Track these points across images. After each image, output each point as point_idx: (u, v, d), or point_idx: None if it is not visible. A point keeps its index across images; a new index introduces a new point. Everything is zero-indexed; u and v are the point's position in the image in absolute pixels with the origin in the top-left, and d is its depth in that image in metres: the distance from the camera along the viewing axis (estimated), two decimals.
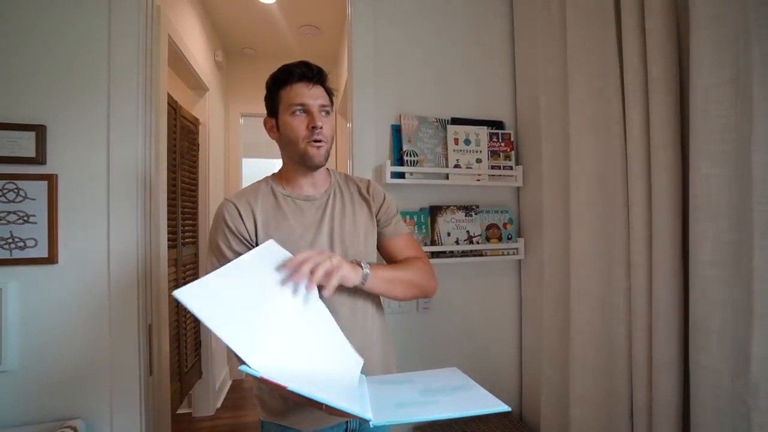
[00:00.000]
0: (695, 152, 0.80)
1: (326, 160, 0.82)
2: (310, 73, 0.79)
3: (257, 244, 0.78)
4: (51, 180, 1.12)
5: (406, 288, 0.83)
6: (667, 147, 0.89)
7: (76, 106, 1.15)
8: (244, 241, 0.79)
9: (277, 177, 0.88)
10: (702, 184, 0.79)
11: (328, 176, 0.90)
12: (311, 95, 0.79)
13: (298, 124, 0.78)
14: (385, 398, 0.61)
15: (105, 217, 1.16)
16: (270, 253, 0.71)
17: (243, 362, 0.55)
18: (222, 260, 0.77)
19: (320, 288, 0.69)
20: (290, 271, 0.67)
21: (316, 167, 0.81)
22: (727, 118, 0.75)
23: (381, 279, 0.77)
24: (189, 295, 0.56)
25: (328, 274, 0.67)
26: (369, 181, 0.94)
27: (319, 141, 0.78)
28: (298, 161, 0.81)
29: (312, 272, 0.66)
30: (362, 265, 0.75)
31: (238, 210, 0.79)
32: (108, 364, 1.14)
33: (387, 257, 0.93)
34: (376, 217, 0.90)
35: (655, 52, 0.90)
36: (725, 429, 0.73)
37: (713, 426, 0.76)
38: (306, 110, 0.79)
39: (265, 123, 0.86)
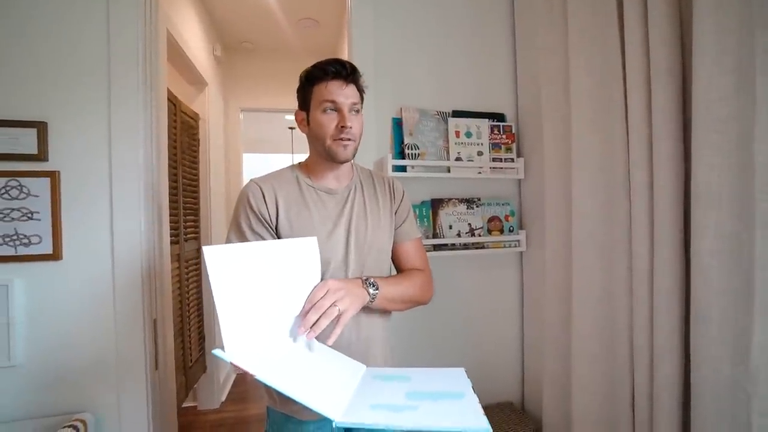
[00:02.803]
0: (697, 142, 0.80)
1: (353, 156, 0.84)
2: (344, 71, 0.80)
3: (276, 228, 0.81)
4: (53, 176, 1.12)
5: (403, 304, 0.86)
6: (669, 137, 0.89)
7: (76, 103, 1.15)
8: (265, 223, 0.81)
9: (303, 167, 0.89)
10: (704, 174, 0.79)
11: (351, 170, 0.91)
12: (343, 94, 0.79)
13: (328, 122, 0.80)
14: (366, 396, 0.60)
15: (108, 213, 1.16)
16: (305, 249, 0.71)
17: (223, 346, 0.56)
18: (241, 238, 0.80)
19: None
20: (301, 319, 0.67)
21: (343, 162, 0.83)
22: (729, 107, 0.75)
23: (383, 300, 0.80)
24: (214, 256, 0.56)
25: (335, 322, 0.68)
26: (391, 178, 0.97)
27: (347, 140, 0.80)
28: (325, 156, 0.83)
29: (317, 322, 0.66)
30: (369, 291, 0.77)
31: (262, 192, 0.81)
32: (114, 358, 1.16)
33: (393, 259, 0.95)
34: (394, 215, 0.92)
35: (657, 42, 0.89)
36: (725, 415, 0.75)
37: (713, 412, 0.77)
38: (337, 108, 0.80)
39: (296, 115, 0.88)
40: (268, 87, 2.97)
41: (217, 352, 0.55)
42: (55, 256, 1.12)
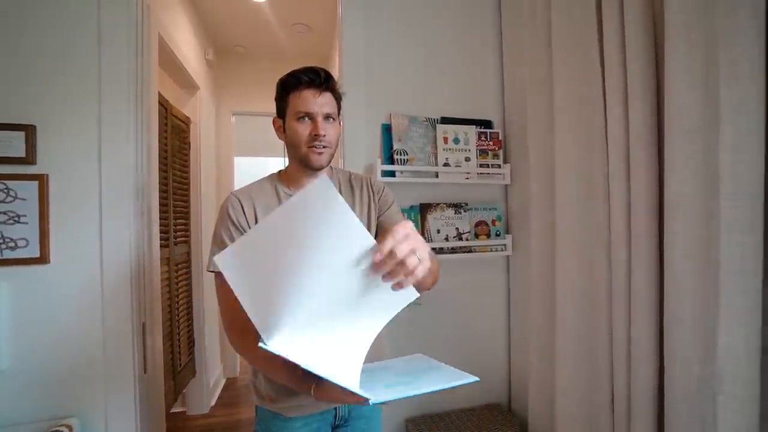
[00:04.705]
0: (670, 151, 0.84)
1: (328, 163, 0.85)
2: (317, 80, 0.81)
3: None
4: (42, 180, 1.12)
5: (431, 279, 0.78)
6: (645, 146, 0.93)
7: (66, 106, 1.15)
8: (244, 233, 0.82)
9: (282, 175, 0.91)
10: (676, 182, 0.83)
11: (330, 175, 0.92)
12: (317, 103, 0.81)
13: (302, 131, 0.81)
14: (372, 381, 0.64)
15: (97, 217, 1.16)
16: (320, 196, 0.52)
17: (261, 338, 0.56)
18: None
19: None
20: (384, 267, 0.55)
21: (318, 169, 0.85)
22: (697, 119, 0.79)
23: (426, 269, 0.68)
24: (225, 262, 0.56)
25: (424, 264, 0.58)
26: (370, 177, 0.97)
27: (322, 147, 0.81)
28: (301, 163, 0.85)
29: (392, 272, 0.56)
30: None
31: (241, 204, 0.83)
32: (102, 362, 1.15)
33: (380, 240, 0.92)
34: (377, 209, 0.93)
35: (633, 56, 0.94)
36: (695, 412, 0.78)
37: (685, 410, 0.81)
38: (311, 117, 0.81)
39: (273, 122, 0.89)
40: (260, 91, 2.98)
41: (263, 345, 0.54)
42: (43, 259, 1.11)
